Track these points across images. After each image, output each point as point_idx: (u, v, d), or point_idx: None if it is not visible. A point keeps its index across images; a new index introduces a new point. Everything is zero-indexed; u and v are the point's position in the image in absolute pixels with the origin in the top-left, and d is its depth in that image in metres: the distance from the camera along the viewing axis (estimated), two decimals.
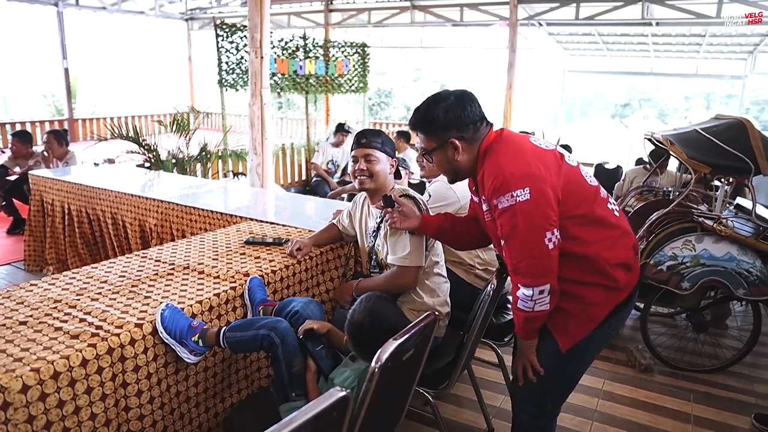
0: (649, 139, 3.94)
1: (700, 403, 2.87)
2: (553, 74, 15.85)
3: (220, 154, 6.00)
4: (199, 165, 5.64)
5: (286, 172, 7.41)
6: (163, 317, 1.73)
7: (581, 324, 1.72)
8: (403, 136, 6.40)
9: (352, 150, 2.23)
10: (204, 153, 5.48)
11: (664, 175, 4.73)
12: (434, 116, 1.71)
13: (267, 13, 4.10)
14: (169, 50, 16.56)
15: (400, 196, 2.12)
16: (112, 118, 12.06)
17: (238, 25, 5.88)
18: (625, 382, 3.06)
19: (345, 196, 5.67)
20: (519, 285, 1.63)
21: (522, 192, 1.55)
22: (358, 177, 2.18)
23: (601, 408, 2.77)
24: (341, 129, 6.80)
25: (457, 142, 1.71)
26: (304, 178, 7.62)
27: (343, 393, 1.18)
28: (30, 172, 4.45)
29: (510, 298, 2.69)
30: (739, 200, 4.02)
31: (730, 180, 3.74)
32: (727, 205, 3.77)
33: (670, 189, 4.34)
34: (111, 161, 5.05)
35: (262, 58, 4.15)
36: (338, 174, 6.90)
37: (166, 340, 1.73)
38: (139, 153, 5.09)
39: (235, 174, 6.19)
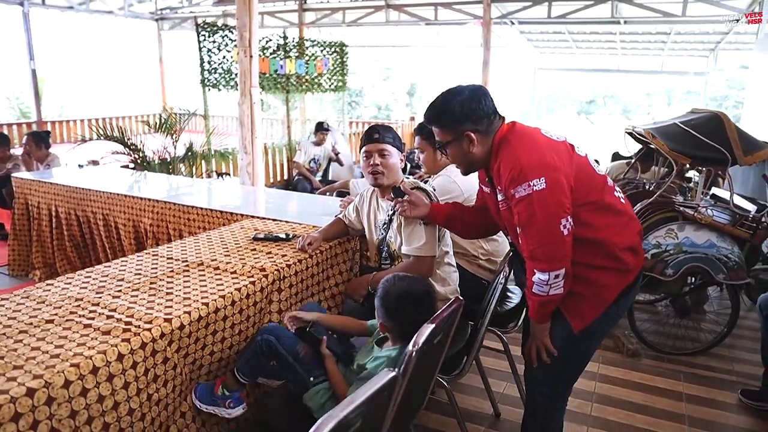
0: (630, 133, 4.09)
1: (690, 383, 3.02)
2: (524, 72, 16.15)
3: (204, 154, 5.97)
4: (182, 165, 5.60)
5: (267, 172, 7.41)
6: (198, 395, 1.84)
7: (593, 306, 1.81)
8: None
9: (363, 145, 2.27)
10: (190, 153, 5.45)
11: (649, 172, 4.90)
12: (450, 110, 1.77)
13: (255, 12, 4.11)
14: (139, 51, 16.24)
15: (411, 189, 2.18)
16: (82, 120, 11.85)
17: (220, 25, 5.86)
18: (618, 365, 3.20)
19: (334, 194, 5.69)
20: (535, 270, 1.70)
21: (538, 182, 1.63)
22: (373, 172, 2.23)
23: (599, 390, 2.90)
24: (321, 128, 6.83)
25: (472, 134, 1.77)
26: (285, 177, 7.62)
27: (393, 373, 1.24)
28: (13, 174, 4.36)
29: (510, 287, 2.81)
30: (714, 190, 4.22)
31: (703, 171, 3.92)
32: (704, 195, 3.95)
33: (652, 181, 4.51)
34: (95, 163, 4.98)
35: (251, 57, 4.16)
36: (320, 173, 6.94)
37: (207, 410, 1.84)
38: (124, 153, 5.04)
39: (219, 174, 6.17)
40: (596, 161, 6.70)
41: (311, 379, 1.81)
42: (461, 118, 1.77)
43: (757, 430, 2.60)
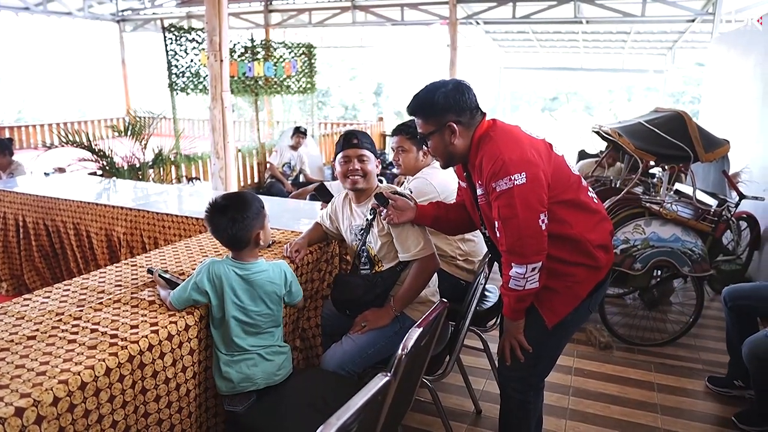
0: (597, 132, 4.21)
1: (660, 372, 3.14)
2: (489, 71, 16.37)
3: (173, 159, 5.87)
4: (151, 171, 5.50)
5: (238, 176, 7.33)
6: None
7: (566, 301, 1.88)
8: None
9: (340, 150, 2.27)
10: (159, 158, 5.35)
11: (614, 168, 5.04)
12: (434, 100, 1.81)
13: (225, 15, 4.08)
14: (100, 53, 15.80)
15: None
16: (42, 125, 11.49)
17: (186, 27, 5.77)
18: (592, 359, 3.30)
19: (307, 197, 5.68)
20: (512, 264, 1.75)
21: (519, 176, 1.68)
22: (351, 177, 2.23)
23: (575, 383, 2.99)
24: (298, 131, 6.78)
25: (454, 125, 1.81)
26: (257, 180, 7.56)
27: (387, 378, 1.27)
28: None
29: (488, 286, 2.87)
30: (677, 186, 4.38)
31: (665, 168, 4.06)
32: (668, 191, 4.10)
33: (619, 179, 4.64)
34: (62, 170, 4.85)
35: (221, 61, 4.13)
36: (292, 178, 6.90)
37: None
38: (92, 160, 4.92)
39: (189, 179, 6.09)
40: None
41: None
42: (444, 109, 1.81)
43: (724, 415, 2.72)
